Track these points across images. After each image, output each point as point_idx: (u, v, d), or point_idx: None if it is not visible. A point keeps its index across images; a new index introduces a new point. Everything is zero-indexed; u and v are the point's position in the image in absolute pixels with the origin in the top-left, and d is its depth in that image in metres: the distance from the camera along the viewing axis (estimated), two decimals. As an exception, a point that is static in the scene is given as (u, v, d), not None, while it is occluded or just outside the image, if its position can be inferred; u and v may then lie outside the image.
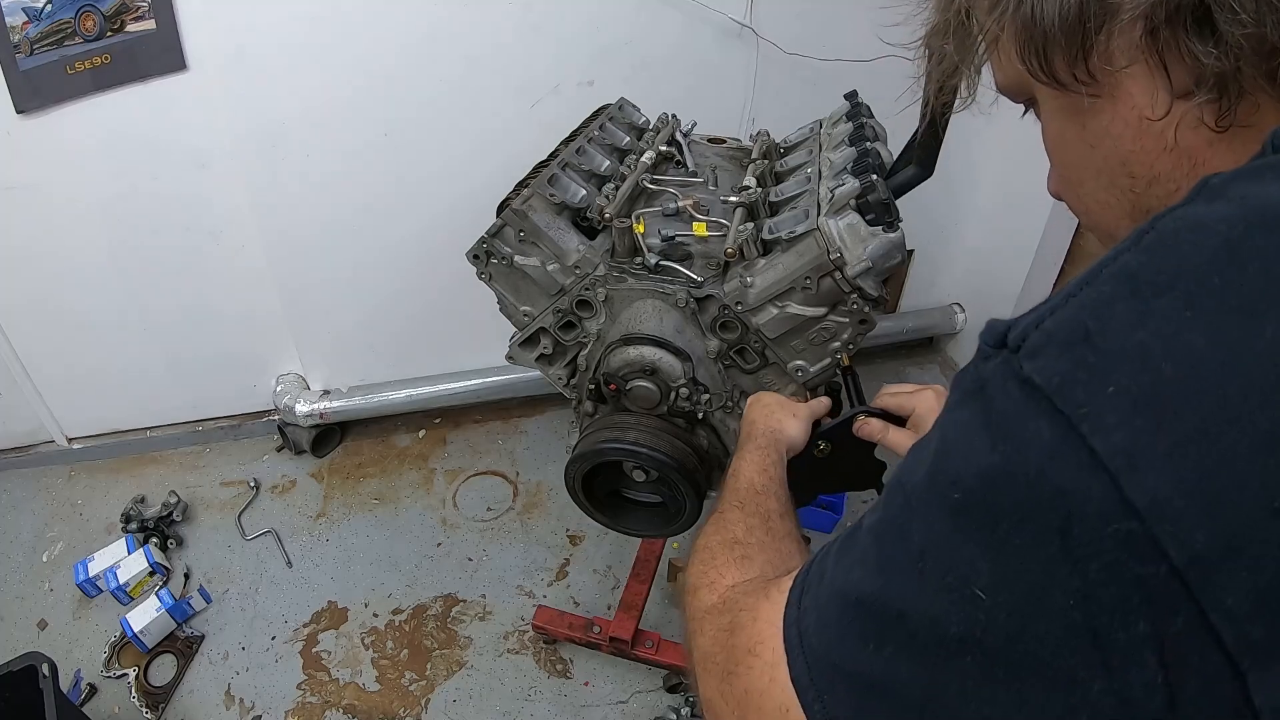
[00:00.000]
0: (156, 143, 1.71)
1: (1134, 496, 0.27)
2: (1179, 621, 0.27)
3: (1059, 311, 0.31)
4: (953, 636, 0.33)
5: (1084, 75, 0.40)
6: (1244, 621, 0.26)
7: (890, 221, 0.98)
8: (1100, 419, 0.28)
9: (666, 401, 1.15)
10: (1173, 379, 0.28)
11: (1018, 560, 0.30)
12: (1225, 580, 0.26)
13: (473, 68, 1.70)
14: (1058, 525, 0.29)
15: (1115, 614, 0.28)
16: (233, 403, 2.23)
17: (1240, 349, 0.27)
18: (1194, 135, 0.38)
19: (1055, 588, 0.29)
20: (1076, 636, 0.29)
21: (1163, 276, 0.29)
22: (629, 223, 1.12)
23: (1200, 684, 0.28)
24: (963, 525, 0.33)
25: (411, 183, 1.84)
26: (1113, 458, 0.28)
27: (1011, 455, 0.31)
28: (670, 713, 1.56)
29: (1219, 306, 0.28)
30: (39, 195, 1.76)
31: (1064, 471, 0.29)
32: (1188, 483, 0.27)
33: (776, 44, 1.72)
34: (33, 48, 1.57)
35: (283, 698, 1.65)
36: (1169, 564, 0.27)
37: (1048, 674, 0.30)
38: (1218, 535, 0.26)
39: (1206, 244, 0.29)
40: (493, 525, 1.99)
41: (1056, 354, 0.30)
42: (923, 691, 0.34)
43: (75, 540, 2.02)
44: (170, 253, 1.89)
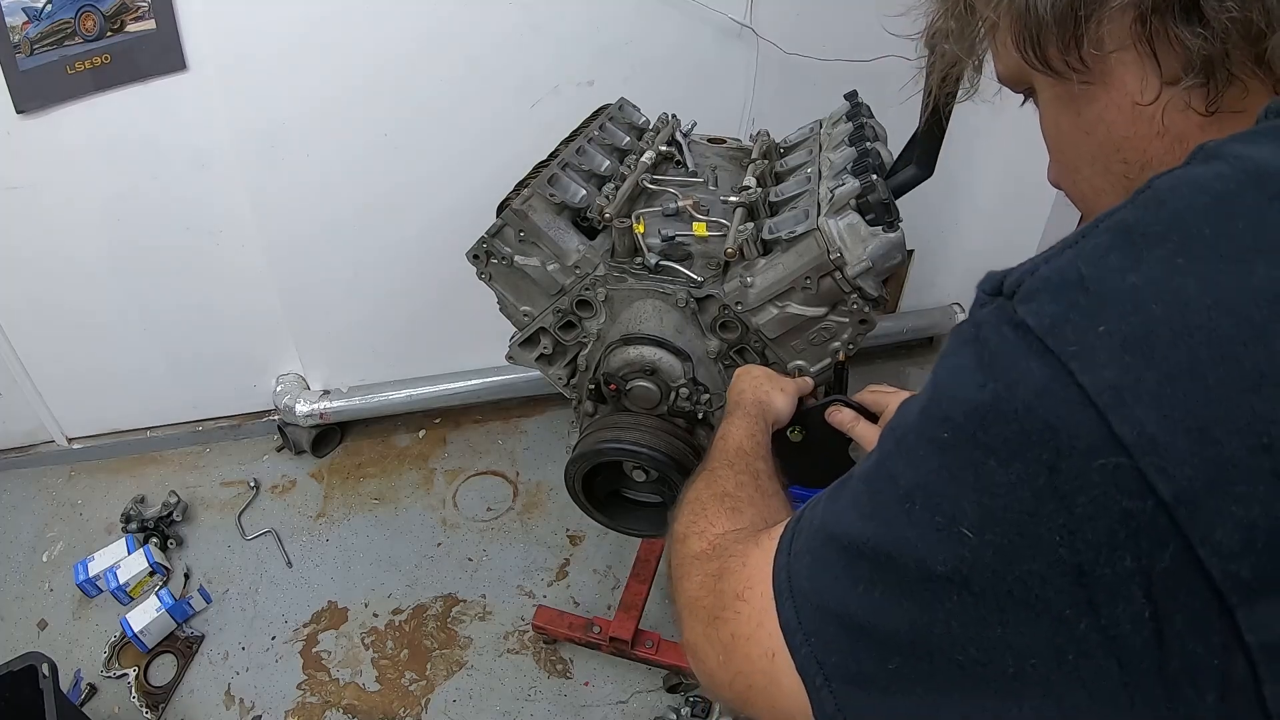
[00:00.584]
0: (156, 143, 1.71)
1: (1122, 431, 0.28)
2: (1166, 557, 0.27)
3: (1054, 260, 0.32)
4: (940, 576, 0.33)
5: (1077, 63, 0.40)
6: (1232, 557, 0.27)
7: (890, 221, 0.98)
8: (1090, 357, 0.29)
9: (666, 401, 1.15)
10: (1162, 319, 0.28)
11: (1005, 497, 0.31)
12: (1213, 515, 0.27)
13: (473, 68, 1.70)
14: (1046, 461, 0.29)
15: (1101, 549, 0.28)
16: (233, 403, 2.23)
17: (1230, 291, 0.28)
18: (1184, 120, 0.38)
19: (1042, 524, 0.30)
20: (1062, 573, 0.29)
21: (1157, 228, 0.30)
22: (629, 223, 1.12)
23: (1188, 621, 0.28)
24: (950, 463, 0.33)
25: (411, 183, 1.84)
26: (1101, 394, 0.28)
27: (1001, 393, 0.31)
28: (670, 713, 1.56)
29: (1210, 254, 0.28)
30: (39, 195, 1.76)
31: (1053, 408, 0.29)
32: (1175, 418, 0.27)
33: (776, 44, 1.72)
34: (33, 48, 1.57)
35: (283, 698, 1.65)
36: (1156, 498, 0.27)
37: (1034, 612, 0.31)
38: (1205, 470, 0.27)
39: (1199, 199, 0.30)
40: (493, 525, 1.99)
41: (1050, 298, 0.31)
42: (911, 632, 0.35)
43: (75, 540, 2.02)
44: (170, 253, 1.89)
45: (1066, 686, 0.31)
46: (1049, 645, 0.31)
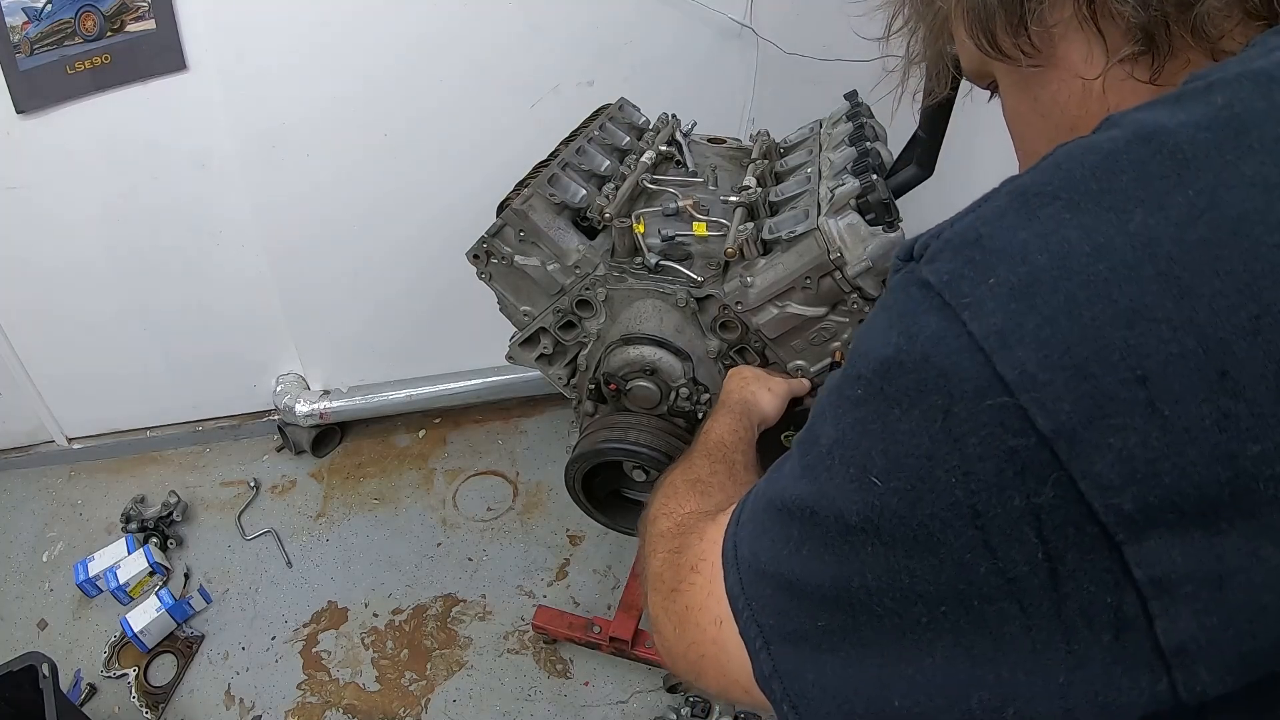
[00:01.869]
0: (156, 143, 1.71)
1: (1004, 371, 0.29)
2: (1049, 492, 0.28)
3: (957, 223, 0.33)
4: (855, 526, 0.34)
5: (1026, 45, 0.42)
6: (1113, 490, 0.27)
7: (890, 221, 0.98)
8: (980, 306, 0.30)
9: (666, 401, 1.15)
10: (1045, 267, 0.29)
11: (906, 443, 0.32)
12: (1091, 447, 0.28)
13: (473, 68, 1.70)
14: (941, 406, 0.31)
15: (992, 489, 0.30)
16: (233, 403, 2.23)
17: (1108, 237, 0.29)
18: (1132, 95, 0.39)
19: (939, 466, 0.31)
20: (960, 516, 0.30)
21: (1050, 188, 0.31)
22: (629, 223, 1.12)
23: (1078, 558, 0.28)
24: (862, 416, 0.35)
25: (411, 183, 1.83)
26: (987, 338, 0.30)
27: (903, 345, 0.33)
28: (670, 713, 1.56)
29: (1094, 206, 0.30)
30: (39, 195, 1.76)
31: (946, 355, 0.31)
32: (1053, 356, 0.28)
33: (776, 44, 1.72)
34: (33, 48, 1.57)
35: (283, 698, 1.65)
36: (1038, 434, 0.28)
37: (938, 557, 0.32)
38: (1082, 403, 0.28)
39: (1089, 159, 0.31)
40: (493, 525, 1.99)
41: (950, 257, 0.32)
42: (834, 586, 0.36)
43: (75, 540, 2.02)
44: (170, 253, 1.89)
45: (974, 634, 0.32)
46: (954, 591, 0.32)
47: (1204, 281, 0.27)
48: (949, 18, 0.46)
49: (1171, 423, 0.27)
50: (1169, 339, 0.27)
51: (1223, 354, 0.26)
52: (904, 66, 0.54)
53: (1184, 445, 0.27)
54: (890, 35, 0.52)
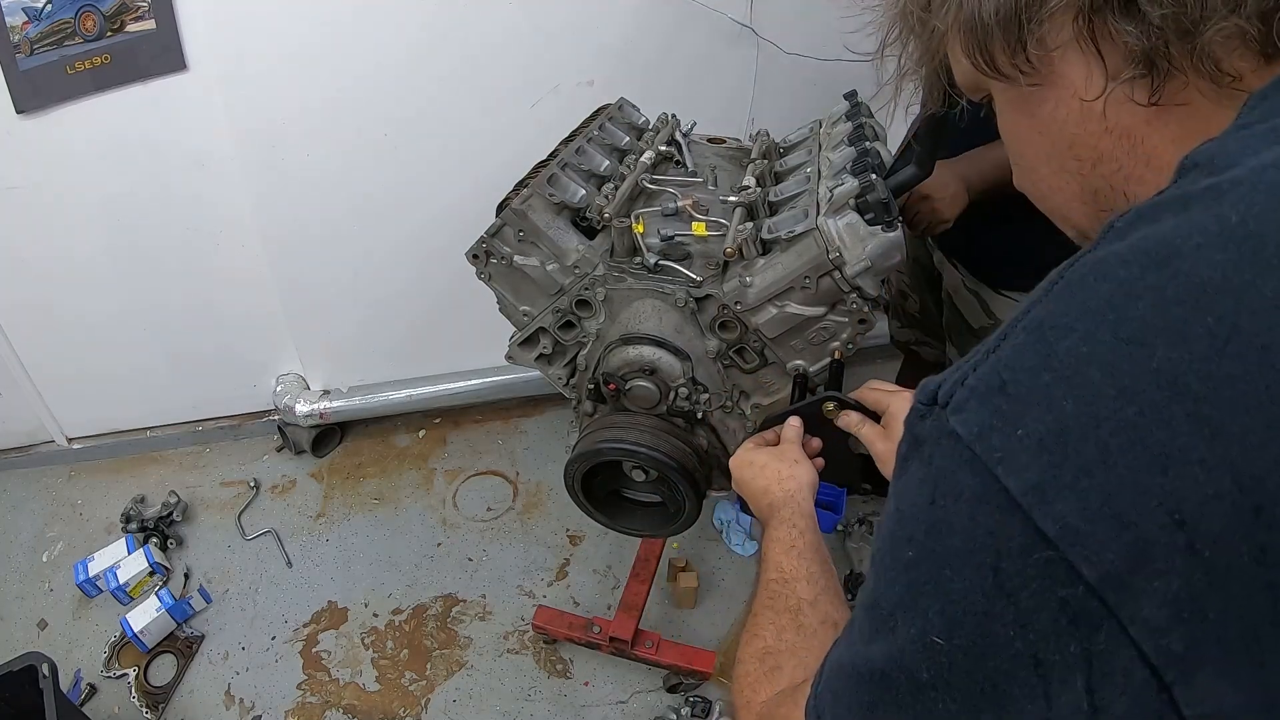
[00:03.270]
0: (156, 143, 1.71)
1: (1045, 527, 0.29)
2: (1101, 638, 0.29)
3: (980, 368, 0.34)
4: (926, 683, 0.35)
5: (1024, 64, 0.42)
6: (1162, 633, 0.28)
7: (889, 221, 0.98)
8: (1013, 461, 0.31)
9: (666, 401, 1.15)
10: (1073, 414, 0.30)
11: (962, 602, 0.33)
12: (1139, 592, 0.28)
13: (473, 68, 1.70)
14: (990, 564, 0.31)
15: (1050, 638, 0.30)
16: (233, 403, 2.23)
17: (1132, 376, 0.29)
18: (1130, 115, 0.40)
19: (996, 621, 0.31)
20: (1022, 665, 0.31)
21: (1066, 320, 0.31)
22: (628, 223, 1.12)
23: (1129, 702, 0.29)
24: (915, 579, 0.35)
25: (411, 183, 1.84)
26: (1025, 494, 0.30)
27: (948, 507, 0.33)
28: (670, 713, 1.56)
29: (1113, 340, 0.30)
30: (39, 195, 1.76)
31: (989, 515, 0.31)
32: (1092, 507, 0.29)
33: (776, 44, 1.72)
34: (33, 48, 1.57)
35: (283, 698, 1.65)
36: (1085, 584, 0.29)
37: (1002, 706, 0.32)
38: (1126, 550, 0.28)
39: (1104, 287, 0.31)
40: (493, 525, 1.99)
41: (977, 406, 0.33)
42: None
43: (75, 540, 2.02)
44: (170, 253, 1.89)
45: None
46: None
47: (1233, 419, 0.27)
48: (945, 36, 0.46)
49: (1212, 563, 0.27)
50: (1204, 481, 0.27)
51: (1256, 490, 0.26)
52: (896, 82, 0.54)
53: (1226, 583, 0.27)
54: (884, 51, 0.52)
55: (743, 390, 1.18)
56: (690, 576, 1.74)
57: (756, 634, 0.65)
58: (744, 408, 1.18)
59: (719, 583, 1.81)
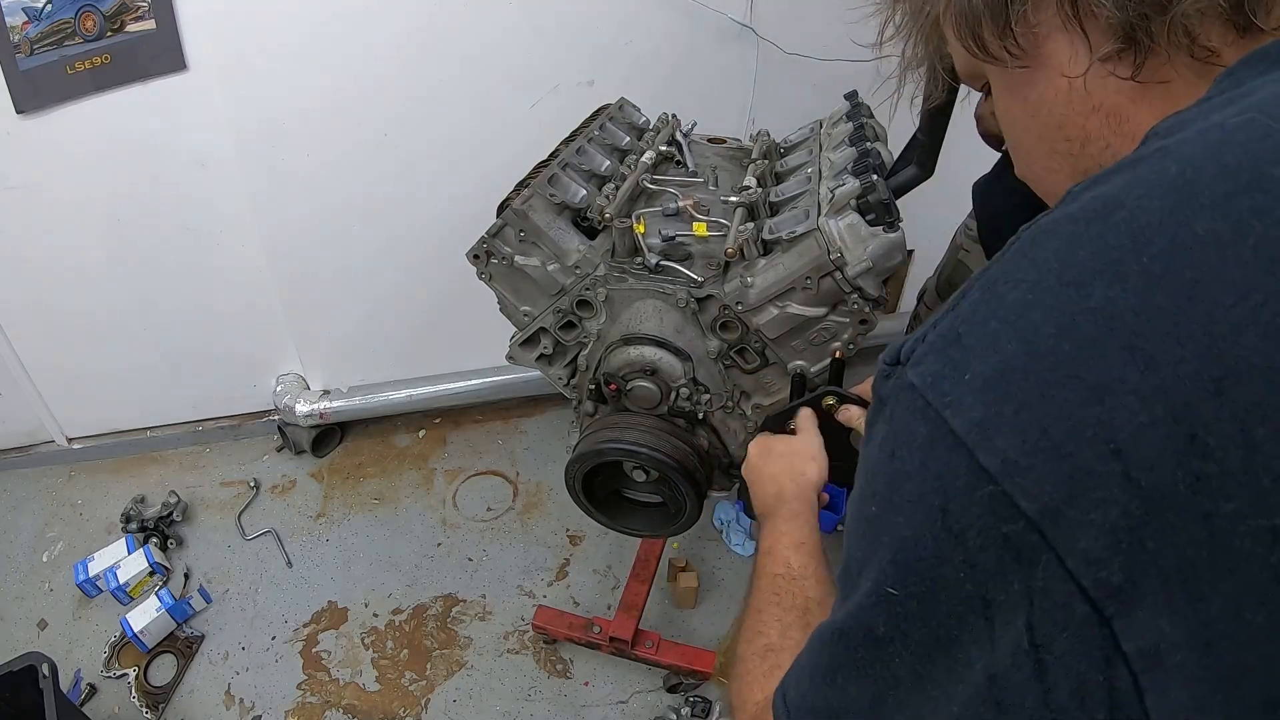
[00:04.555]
0: (156, 143, 1.71)
1: (987, 462, 0.30)
2: (1040, 573, 0.29)
3: (940, 324, 0.35)
4: (881, 638, 0.36)
5: (1013, 46, 0.43)
6: (1101, 564, 0.28)
7: (891, 221, 0.98)
8: (960, 403, 0.31)
9: (667, 401, 1.15)
10: (1015, 354, 0.31)
11: (914, 548, 0.33)
12: (1076, 524, 0.28)
13: (472, 68, 1.70)
14: (938, 505, 0.32)
15: (995, 576, 0.31)
16: (233, 403, 2.23)
17: (1070, 315, 0.30)
18: (1115, 92, 0.40)
19: (946, 563, 0.32)
20: (972, 609, 0.32)
21: (1016, 273, 0.32)
22: (629, 223, 1.12)
23: (1071, 640, 0.29)
24: (874, 532, 0.36)
25: (411, 182, 1.83)
26: (969, 433, 0.31)
27: (904, 457, 0.34)
28: (670, 713, 1.56)
29: (1055, 285, 0.31)
30: (39, 195, 1.75)
31: (937, 458, 0.32)
32: (1030, 440, 0.29)
33: (776, 44, 1.72)
34: (33, 48, 1.57)
35: (283, 698, 1.65)
36: (1025, 517, 0.29)
37: (953, 655, 0.33)
38: (1062, 481, 0.29)
39: (1051, 241, 0.32)
40: (493, 525, 1.99)
41: (933, 359, 0.34)
42: (870, 703, 0.37)
43: (75, 540, 2.02)
44: (170, 253, 1.89)
45: None
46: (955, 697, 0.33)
47: (1166, 350, 0.28)
48: (939, 22, 0.47)
49: (1148, 491, 0.27)
50: (1138, 410, 0.28)
51: (1189, 419, 0.27)
52: (900, 72, 0.55)
53: (1162, 512, 0.27)
54: (883, 42, 0.53)
55: (744, 390, 1.18)
56: (690, 576, 1.74)
57: (760, 631, 0.64)
58: (745, 408, 1.18)
59: (719, 583, 1.81)
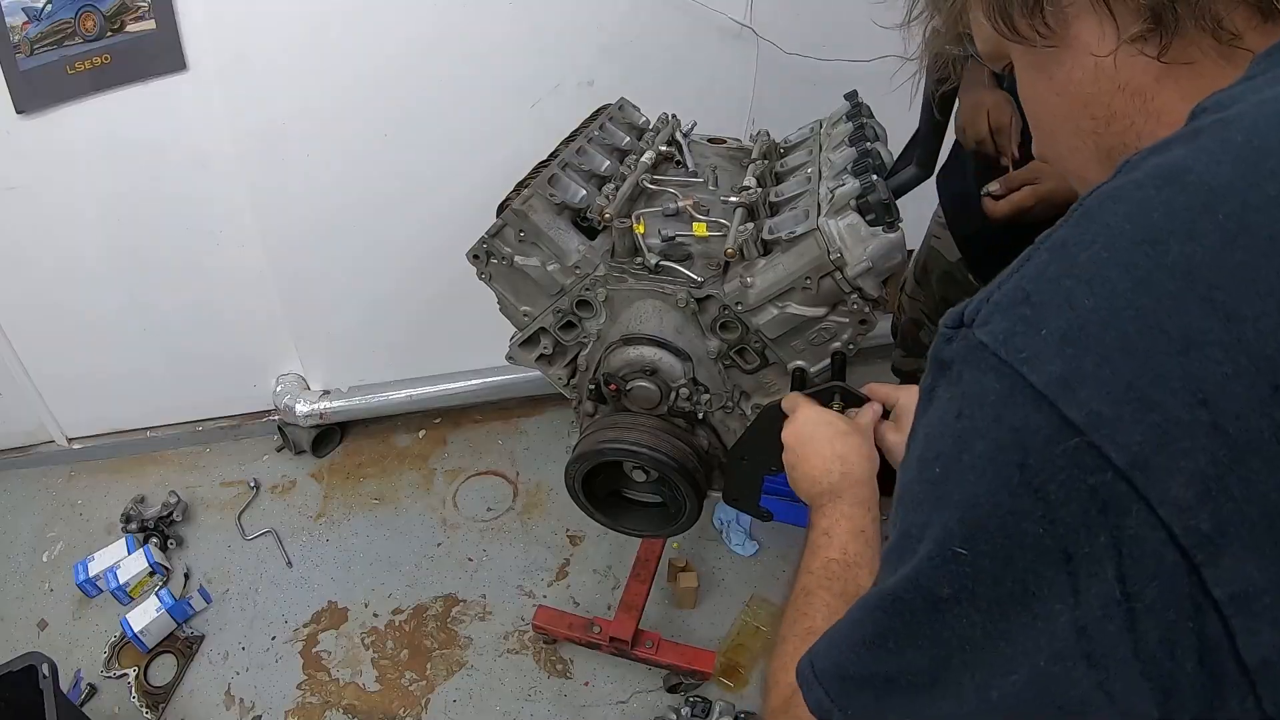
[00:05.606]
0: (156, 143, 1.71)
1: (1072, 415, 0.30)
2: (1131, 522, 0.29)
3: (1005, 284, 0.35)
4: (945, 599, 0.35)
5: (1041, 26, 0.43)
6: (1190, 511, 0.28)
7: (890, 222, 0.98)
8: (1037, 358, 0.31)
9: (667, 401, 1.15)
10: (1093, 309, 0.31)
11: (988, 504, 0.33)
12: (1165, 473, 0.29)
13: (473, 67, 1.70)
14: (1016, 461, 0.32)
15: (1079, 529, 0.30)
16: (233, 403, 2.23)
17: (1149, 270, 0.30)
18: (1141, 72, 0.41)
19: (1024, 518, 0.32)
20: (1051, 562, 0.31)
21: (1086, 236, 0.33)
22: (629, 223, 1.12)
23: (1161, 589, 0.29)
24: (940, 494, 0.35)
25: (411, 183, 1.83)
26: (1049, 386, 0.31)
27: (974, 415, 0.34)
28: (670, 713, 1.56)
29: (1129, 243, 0.31)
30: (39, 195, 1.75)
31: (1014, 412, 0.32)
32: (1116, 391, 0.29)
33: (776, 44, 1.72)
34: (33, 48, 1.57)
35: (283, 698, 1.65)
36: (1114, 468, 0.29)
37: (1031, 614, 0.32)
38: (1151, 432, 0.29)
39: (1120, 205, 0.33)
40: (493, 525, 1.99)
41: (1001, 317, 0.34)
42: (930, 666, 0.36)
43: (75, 540, 2.02)
44: (170, 253, 1.89)
45: (1065, 695, 0.32)
46: (1035, 649, 0.32)
47: (1246, 304, 0.28)
48: (968, 2, 0.48)
49: (1235, 439, 0.28)
50: (1222, 360, 0.28)
51: (1272, 370, 0.28)
52: (922, 52, 0.55)
53: (1248, 458, 0.28)
54: (910, 21, 0.54)
55: (743, 390, 1.18)
56: (690, 576, 1.74)
57: (806, 613, 0.62)
58: (745, 408, 1.18)
59: (719, 583, 1.81)
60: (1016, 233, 1.09)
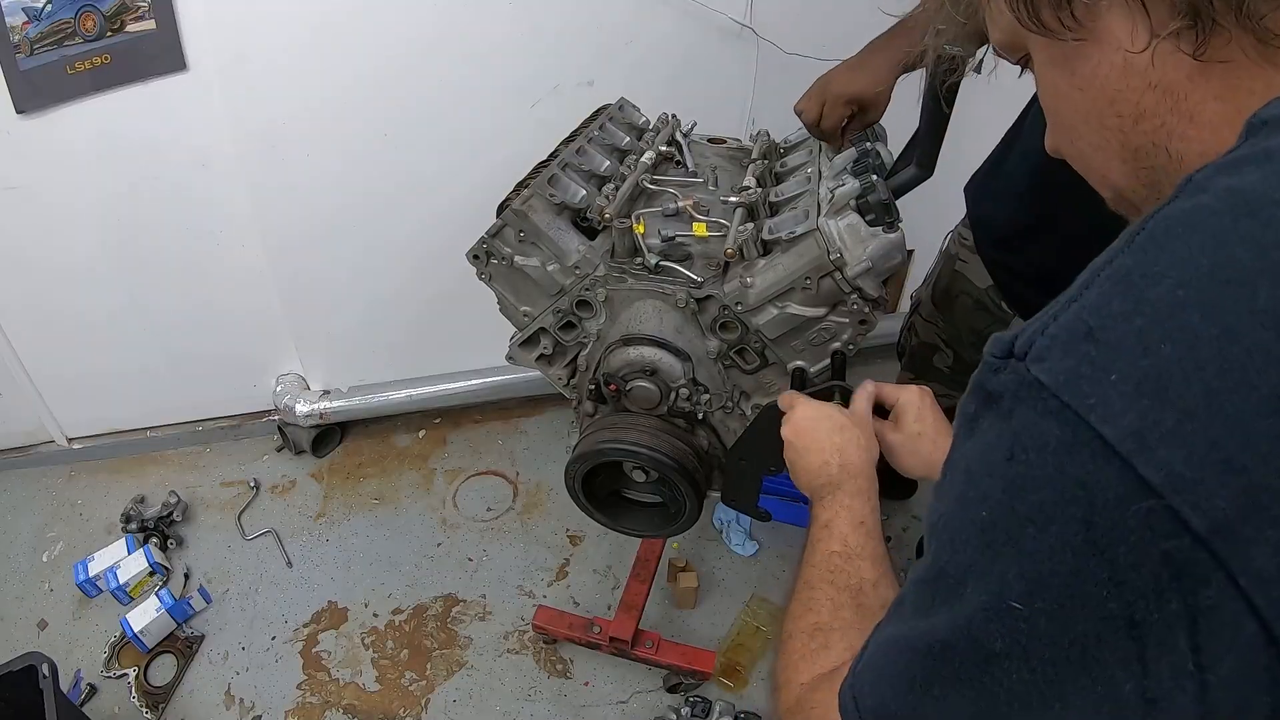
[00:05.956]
0: (156, 143, 1.71)
1: (1148, 475, 0.28)
2: (1210, 592, 0.27)
3: (1061, 316, 0.32)
4: (997, 654, 0.33)
5: (1069, 19, 0.41)
6: (1274, 583, 0.26)
7: (890, 222, 0.98)
8: (1107, 407, 0.29)
9: (666, 402, 1.15)
10: (1172, 357, 0.28)
11: (1048, 561, 0.30)
12: (1250, 542, 0.27)
13: (473, 68, 1.70)
14: (1080, 517, 0.29)
15: (1149, 596, 0.28)
16: (233, 403, 2.23)
17: (1235, 318, 0.28)
18: (1174, 69, 0.39)
19: (1087, 580, 0.29)
20: (1115, 628, 0.29)
21: (1156, 268, 0.30)
22: (629, 223, 1.12)
23: (1236, 660, 0.27)
24: (992, 541, 0.33)
25: (411, 182, 1.83)
26: (1123, 441, 0.28)
27: (1030, 460, 0.31)
28: (670, 713, 1.56)
29: (1211, 283, 0.28)
30: (39, 195, 1.75)
31: (1079, 464, 0.29)
32: (1199, 452, 0.27)
33: (776, 44, 1.72)
34: (33, 48, 1.57)
35: (283, 698, 1.65)
36: (1193, 535, 0.27)
37: (1091, 677, 0.30)
38: (1237, 497, 0.27)
39: (1194, 236, 0.30)
40: (493, 525, 1.99)
41: (1061, 354, 0.31)
42: (975, 717, 0.35)
43: (75, 540, 2.02)
44: (170, 253, 1.89)
45: None
46: (1094, 717, 0.31)
47: None
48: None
49: None
50: None
51: None
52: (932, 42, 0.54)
53: None
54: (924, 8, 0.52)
55: (743, 391, 1.18)
56: (690, 576, 1.74)
57: (810, 608, 0.61)
58: (745, 408, 1.18)
59: (719, 583, 1.81)
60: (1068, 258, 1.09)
